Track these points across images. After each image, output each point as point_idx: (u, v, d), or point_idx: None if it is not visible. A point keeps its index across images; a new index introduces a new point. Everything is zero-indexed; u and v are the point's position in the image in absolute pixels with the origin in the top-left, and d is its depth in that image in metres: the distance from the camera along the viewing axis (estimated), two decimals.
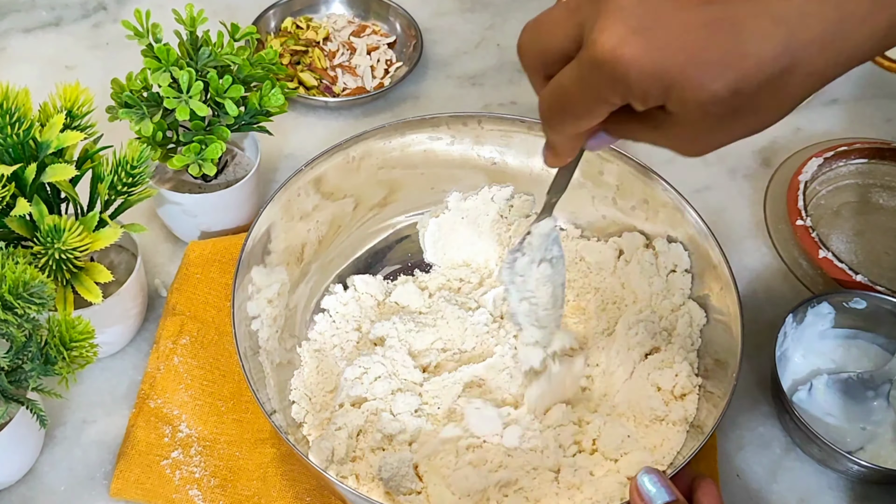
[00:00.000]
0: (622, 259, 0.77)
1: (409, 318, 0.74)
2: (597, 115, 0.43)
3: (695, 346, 0.71)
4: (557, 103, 0.44)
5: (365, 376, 0.70)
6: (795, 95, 0.40)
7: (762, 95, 0.39)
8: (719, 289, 0.69)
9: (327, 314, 0.76)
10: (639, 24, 0.39)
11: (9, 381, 0.61)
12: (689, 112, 0.40)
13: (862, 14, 0.39)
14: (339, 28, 1.02)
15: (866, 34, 0.40)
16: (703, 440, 0.61)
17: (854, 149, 0.90)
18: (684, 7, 0.39)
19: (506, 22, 1.06)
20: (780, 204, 0.87)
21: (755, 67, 0.38)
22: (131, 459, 0.69)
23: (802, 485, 0.72)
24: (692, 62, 0.38)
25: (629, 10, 0.39)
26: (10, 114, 0.64)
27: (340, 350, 0.74)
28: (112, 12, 1.06)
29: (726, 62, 0.38)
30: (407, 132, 0.77)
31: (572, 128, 0.45)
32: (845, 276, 0.80)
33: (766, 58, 0.38)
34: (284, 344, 0.72)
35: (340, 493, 0.62)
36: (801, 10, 0.38)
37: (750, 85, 0.39)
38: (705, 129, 0.41)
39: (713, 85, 0.39)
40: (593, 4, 0.41)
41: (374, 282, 0.78)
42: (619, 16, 0.39)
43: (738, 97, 0.39)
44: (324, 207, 0.76)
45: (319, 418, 0.69)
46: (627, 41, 0.39)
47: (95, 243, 0.65)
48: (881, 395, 0.73)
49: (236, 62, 0.75)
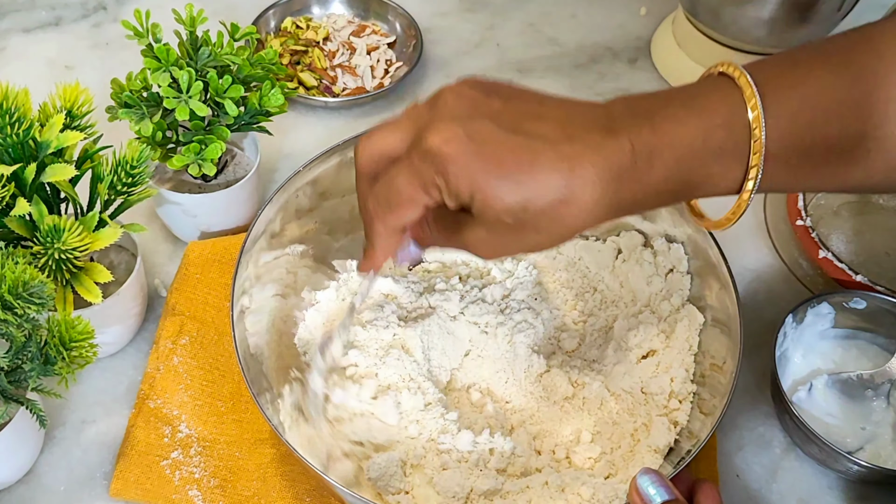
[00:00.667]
0: (620, 258, 0.77)
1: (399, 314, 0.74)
2: (417, 205, 0.50)
3: (692, 350, 0.71)
4: (385, 191, 0.51)
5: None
6: (570, 225, 0.48)
7: (544, 218, 0.48)
8: (719, 288, 0.69)
9: (320, 308, 0.76)
10: (464, 132, 0.47)
11: (8, 381, 0.62)
12: (486, 216, 0.48)
13: (622, 166, 0.48)
14: (339, 28, 1.02)
15: (628, 185, 0.48)
16: (703, 440, 0.61)
17: None
18: (499, 130, 0.48)
19: (506, 22, 1.06)
20: (780, 204, 0.87)
21: (541, 190, 0.47)
22: (131, 460, 0.69)
23: (802, 485, 0.72)
24: (495, 174, 0.47)
25: (459, 120, 0.48)
26: (10, 114, 0.64)
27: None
28: (112, 12, 1.06)
29: (520, 181, 0.47)
30: None
31: (396, 219, 0.51)
32: (845, 276, 0.80)
33: (551, 186, 0.47)
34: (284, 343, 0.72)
35: (339, 494, 0.62)
36: (580, 154, 0.47)
37: (535, 205, 0.47)
38: (498, 235, 0.49)
39: (507, 197, 0.47)
40: (431, 113, 0.49)
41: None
42: (451, 123, 0.48)
43: (526, 213, 0.47)
44: (323, 208, 0.76)
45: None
46: (453, 141, 0.47)
47: (95, 243, 0.65)
48: (881, 395, 0.73)
49: (236, 62, 0.75)
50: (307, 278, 0.76)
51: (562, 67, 1.01)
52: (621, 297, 0.76)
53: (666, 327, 0.72)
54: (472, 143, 0.47)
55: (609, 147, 0.47)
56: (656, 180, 0.48)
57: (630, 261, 0.76)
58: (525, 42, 1.04)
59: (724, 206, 0.53)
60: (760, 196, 0.89)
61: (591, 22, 1.06)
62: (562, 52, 1.03)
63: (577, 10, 1.07)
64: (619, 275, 0.77)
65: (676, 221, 0.73)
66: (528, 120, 0.48)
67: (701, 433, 0.64)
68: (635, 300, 0.75)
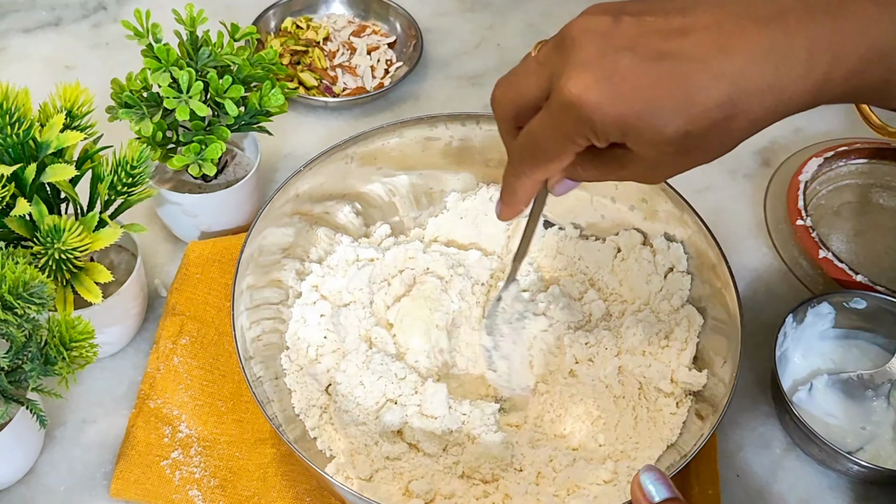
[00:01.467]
0: (619, 256, 0.77)
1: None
2: (565, 156, 0.48)
3: (692, 352, 0.71)
4: (530, 147, 0.49)
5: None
6: (738, 137, 0.45)
7: (709, 137, 0.44)
8: (719, 289, 0.69)
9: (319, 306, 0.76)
10: (602, 74, 0.44)
11: (9, 382, 0.62)
12: (646, 151, 0.45)
13: (795, 75, 0.43)
14: (339, 28, 1.02)
15: (799, 90, 0.44)
16: (703, 440, 0.61)
17: (854, 149, 0.90)
18: (640, 61, 0.43)
19: (506, 22, 1.06)
20: (781, 204, 0.87)
21: (701, 116, 0.43)
22: (131, 460, 0.69)
23: (802, 485, 0.72)
24: (648, 110, 0.43)
25: (593, 62, 0.44)
26: (10, 114, 0.64)
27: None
28: (112, 12, 1.06)
29: (677, 110, 0.43)
30: (405, 132, 0.77)
31: (542, 171, 0.49)
32: (845, 276, 0.80)
33: (712, 106, 0.43)
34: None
35: (340, 494, 0.62)
36: (742, 69, 0.43)
37: (698, 129, 0.43)
38: (660, 163, 0.46)
39: (666, 129, 0.43)
40: (561, 57, 0.45)
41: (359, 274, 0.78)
42: (585, 68, 0.44)
43: (688, 139, 0.44)
44: (323, 208, 0.76)
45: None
46: (592, 88, 0.44)
47: (95, 243, 0.65)
48: (881, 395, 0.73)
49: (236, 62, 0.75)
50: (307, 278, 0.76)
51: None
52: (621, 294, 0.77)
53: (665, 327, 0.72)
54: (613, 84, 0.43)
55: (778, 52, 0.43)
56: (834, 85, 0.44)
57: (629, 259, 0.76)
58: (525, 42, 1.04)
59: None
60: (761, 196, 0.89)
61: None
62: None
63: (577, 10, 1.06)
64: (618, 273, 0.77)
65: (676, 221, 0.73)
66: (671, 38, 0.43)
67: (701, 433, 0.65)
68: (635, 299, 0.75)
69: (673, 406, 0.69)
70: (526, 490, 0.65)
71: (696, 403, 0.69)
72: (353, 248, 0.77)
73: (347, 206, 0.78)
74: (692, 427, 0.68)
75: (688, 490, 0.69)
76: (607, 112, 0.44)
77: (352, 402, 0.68)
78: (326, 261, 0.77)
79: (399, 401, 0.68)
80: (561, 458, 0.67)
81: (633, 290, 0.76)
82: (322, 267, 0.76)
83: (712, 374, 0.69)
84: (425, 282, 0.74)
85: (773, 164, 0.92)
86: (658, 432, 0.68)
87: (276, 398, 0.68)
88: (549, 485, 0.66)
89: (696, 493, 0.69)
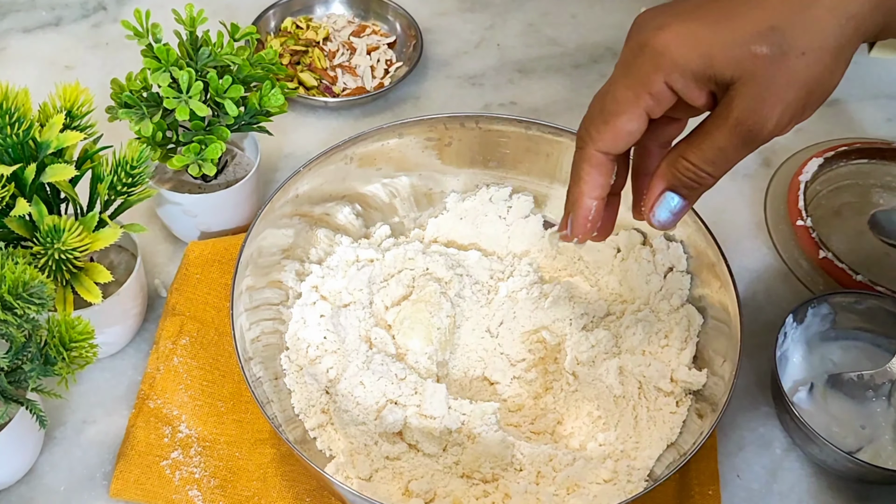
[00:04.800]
0: (619, 256, 0.77)
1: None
2: (639, 107, 0.47)
3: (691, 352, 0.71)
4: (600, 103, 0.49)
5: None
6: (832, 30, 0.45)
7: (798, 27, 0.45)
8: (718, 288, 0.69)
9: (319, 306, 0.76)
10: (670, 16, 0.46)
11: (8, 382, 0.62)
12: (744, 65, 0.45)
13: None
14: (339, 28, 1.02)
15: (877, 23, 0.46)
16: (702, 439, 0.61)
17: (854, 149, 0.90)
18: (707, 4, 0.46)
19: (506, 22, 1.06)
20: (781, 204, 0.87)
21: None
22: (131, 460, 0.69)
23: (803, 485, 0.72)
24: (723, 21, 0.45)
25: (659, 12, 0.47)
26: (10, 114, 0.64)
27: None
28: (112, 12, 1.06)
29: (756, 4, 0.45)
30: (405, 133, 0.77)
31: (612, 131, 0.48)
32: (845, 276, 0.80)
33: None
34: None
35: (340, 494, 0.62)
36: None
37: (784, 23, 0.45)
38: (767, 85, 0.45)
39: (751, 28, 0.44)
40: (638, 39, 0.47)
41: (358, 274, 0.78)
42: (653, 16, 0.47)
43: (775, 33, 0.44)
44: (322, 209, 0.76)
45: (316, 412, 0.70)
46: (664, 26, 0.46)
47: (95, 243, 0.65)
48: (881, 396, 0.73)
49: (236, 62, 0.75)
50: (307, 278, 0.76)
51: (562, 67, 1.01)
52: (620, 294, 0.77)
53: (665, 326, 0.72)
54: (682, 20, 0.45)
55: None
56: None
57: (629, 259, 0.76)
58: (525, 42, 1.04)
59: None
60: (761, 196, 0.89)
61: (591, 22, 1.06)
62: (562, 52, 1.03)
63: (577, 10, 1.07)
64: (617, 273, 0.77)
65: None
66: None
67: (701, 431, 0.65)
68: (635, 299, 0.75)
69: (673, 405, 0.69)
70: (526, 489, 0.65)
71: (696, 402, 0.69)
72: (352, 248, 0.77)
73: (347, 208, 0.78)
74: (692, 426, 0.68)
75: (688, 490, 0.69)
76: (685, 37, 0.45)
77: (351, 402, 0.68)
78: (326, 261, 0.77)
79: (399, 401, 0.68)
80: (561, 457, 0.67)
81: (632, 290, 0.76)
82: (322, 268, 0.76)
83: (712, 373, 0.69)
84: (425, 285, 0.74)
85: (773, 164, 0.92)
86: (658, 431, 0.68)
87: (275, 398, 0.68)
88: (549, 484, 0.66)
89: (696, 493, 0.69)
